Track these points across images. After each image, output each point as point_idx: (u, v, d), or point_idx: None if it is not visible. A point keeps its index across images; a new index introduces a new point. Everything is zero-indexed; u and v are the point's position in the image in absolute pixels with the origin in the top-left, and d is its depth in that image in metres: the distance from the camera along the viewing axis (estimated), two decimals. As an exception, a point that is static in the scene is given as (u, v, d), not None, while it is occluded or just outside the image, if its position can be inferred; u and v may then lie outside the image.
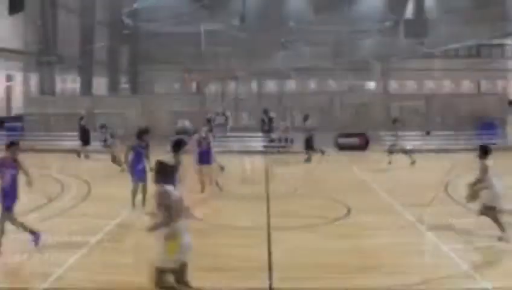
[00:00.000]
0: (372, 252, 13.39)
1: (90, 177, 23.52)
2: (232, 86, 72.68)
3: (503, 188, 14.72)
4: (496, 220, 14.60)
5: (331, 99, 39.50)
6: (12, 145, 13.99)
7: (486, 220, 14.76)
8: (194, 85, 74.95)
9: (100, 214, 16.81)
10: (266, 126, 32.61)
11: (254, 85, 73.29)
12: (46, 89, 49.05)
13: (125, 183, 19.34)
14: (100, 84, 67.42)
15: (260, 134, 33.41)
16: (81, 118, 32.02)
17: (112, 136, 29.01)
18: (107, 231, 14.94)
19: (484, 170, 14.64)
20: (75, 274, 11.68)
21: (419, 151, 30.83)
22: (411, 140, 32.80)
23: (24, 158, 14.11)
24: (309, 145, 29.54)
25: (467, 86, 67.76)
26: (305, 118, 30.86)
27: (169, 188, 10.23)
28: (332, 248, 13.63)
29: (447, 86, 67.19)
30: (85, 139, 31.41)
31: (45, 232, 14.16)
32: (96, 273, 11.79)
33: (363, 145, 33.59)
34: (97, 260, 12.66)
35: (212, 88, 73.38)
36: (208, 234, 14.70)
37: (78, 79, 60.36)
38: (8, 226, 13.73)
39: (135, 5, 64.24)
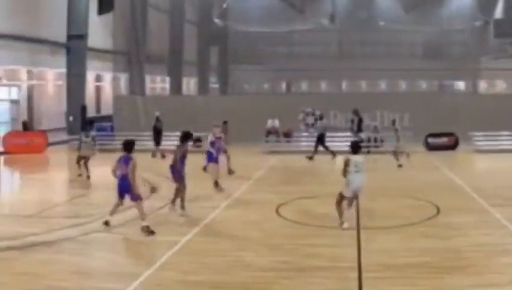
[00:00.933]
0: (462, 252, 12.85)
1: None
2: (321, 85, 72.50)
3: None
4: None
5: (421, 99, 38.47)
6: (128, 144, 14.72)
7: None
8: (284, 85, 74.65)
9: (190, 214, 16.48)
10: (355, 126, 31.62)
11: (344, 84, 72.30)
12: (136, 88, 49.20)
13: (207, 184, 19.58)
14: (190, 84, 67.87)
15: (349, 134, 32.40)
16: (157, 119, 31.51)
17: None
18: (197, 231, 14.67)
19: None
20: (165, 274, 11.47)
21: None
22: (504, 140, 32.16)
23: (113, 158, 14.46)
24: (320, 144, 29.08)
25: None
26: (320, 117, 30.41)
27: None
28: (422, 248, 13.08)
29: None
30: (157, 140, 30.97)
31: (137, 231, 14.36)
32: (187, 273, 11.53)
33: (453, 145, 32.60)
34: (188, 259, 12.37)
35: (302, 87, 73.60)
36: (299, 235, 14.37)
37: (168, 79, 60.67)
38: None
39: (225, 5, 64.47)
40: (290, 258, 12.27)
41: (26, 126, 37.02)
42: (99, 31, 45.37)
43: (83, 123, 40.36)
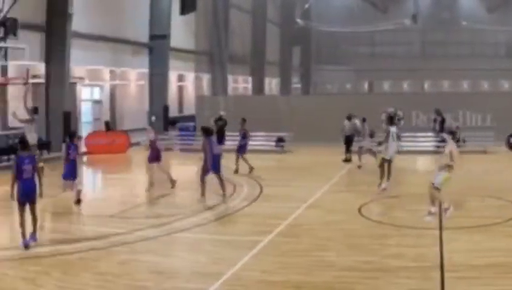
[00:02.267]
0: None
1: (260, 177, 23.16)
2: (404, 85, 71.48)
3: None
4: None
5: (504, 99, 37.46)
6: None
7: None
8: (366, 85, 73.84)
9: (271, 214, 16.68)
10: (438, 126, 30.73)
11: (426, 85, 71.20)
12: (218, 89, 48.83)
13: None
14: (272, 84, 67.30)
15: (431, 134, 31.84)
16: (218, 119, 30.92)
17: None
18: (279, 231, 14.63)
19: None
20: (248, 273, 11.48)
21: None
22: None
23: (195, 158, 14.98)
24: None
25: None
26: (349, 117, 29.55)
27: None
28: (505, 248, 12.81)
29: None
30: (220, 139, 29.84)
31: (219, 231, 14.87)
32: (270, 273, 11.52)
33: (535, 145, 31.55)
34: (270, 259, 12.39)
35: (385, 87, 72.71)
36: (381, 234, 14.31)
37: (250, 79, 60.17)
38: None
39: (307, 5, 63.92)
40: (373, 258, 12.24)
41: (109, 126, 36.83)
42: (181, 31, 44.92)
43: (165, 123, 40.87)
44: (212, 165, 18.47)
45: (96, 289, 10.81)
